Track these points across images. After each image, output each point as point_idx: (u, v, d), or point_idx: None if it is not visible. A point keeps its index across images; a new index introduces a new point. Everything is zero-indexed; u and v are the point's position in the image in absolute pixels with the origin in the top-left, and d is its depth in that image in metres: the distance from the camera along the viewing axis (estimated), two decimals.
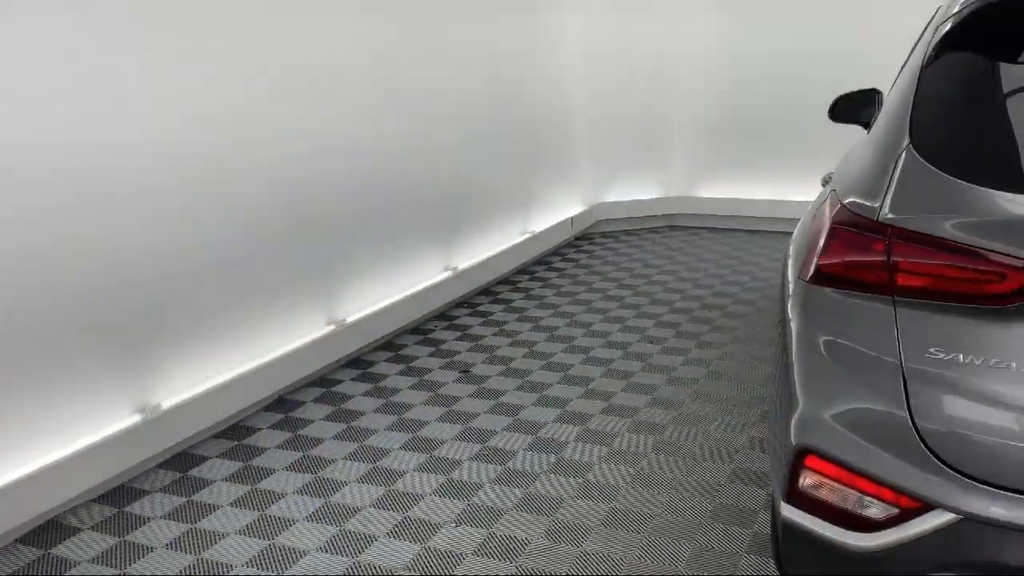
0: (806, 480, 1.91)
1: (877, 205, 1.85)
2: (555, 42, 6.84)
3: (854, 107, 3.37)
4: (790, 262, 2.35)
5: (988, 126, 1.92)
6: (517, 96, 6.33)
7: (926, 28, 2.37)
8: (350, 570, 2.81)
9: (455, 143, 5.53)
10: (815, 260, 1.95)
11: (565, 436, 3.69)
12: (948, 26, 2.00)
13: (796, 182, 6.84)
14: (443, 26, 5.31)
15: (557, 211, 7.04)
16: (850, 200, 1.95)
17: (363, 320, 4.62)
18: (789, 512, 1.95)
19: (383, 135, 4.81)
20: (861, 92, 3.38)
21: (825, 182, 2.95)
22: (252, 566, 2.86)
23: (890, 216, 1.81)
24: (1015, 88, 1.96)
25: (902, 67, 2.35)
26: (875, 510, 1.81)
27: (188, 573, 2.83)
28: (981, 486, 1.68)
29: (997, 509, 1.67)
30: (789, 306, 2.08)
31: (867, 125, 3.11)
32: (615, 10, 7.22)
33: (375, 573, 2.79)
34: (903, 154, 1.89)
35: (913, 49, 2.36)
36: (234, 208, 3.84)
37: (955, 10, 2.15)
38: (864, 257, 1.83)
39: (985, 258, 1.67)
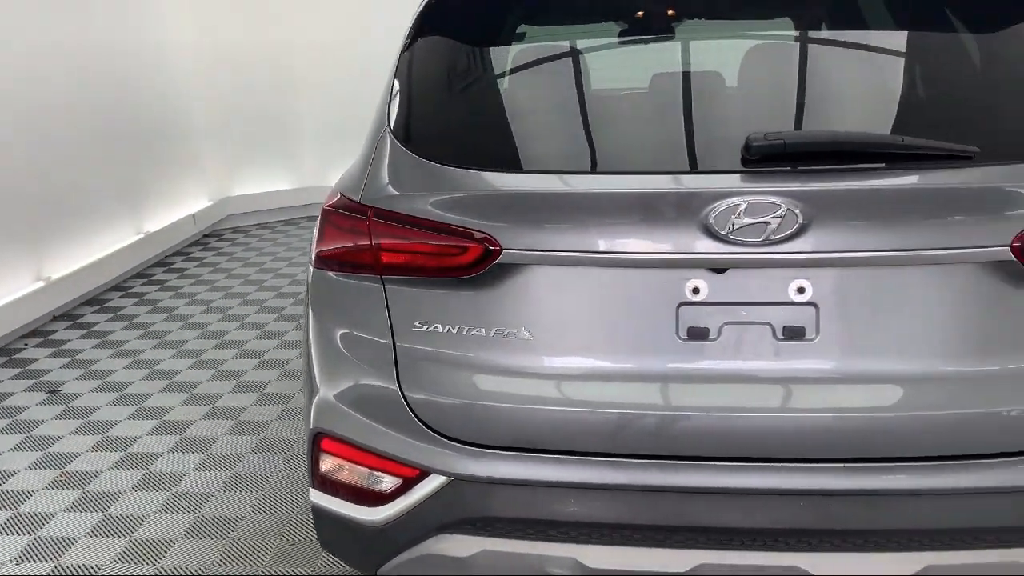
0: (325, 464, 1.93)
1: (361, 188, 1.89)
2: (164, 34, 6.40)
3: None
4: None
5: (457, 107, 2.03)
6: (119, 91, 5.82)
7: None
8: None
9: (39, 140, 4.96)
10: (315, 245, 1.97)
11: (158, 448, 3.47)
12: (422, 8, 2.08)
13: None
14: (14, 15, 4.73)
15: (178, 208, 6.63)
16: (343, 185, 1.98)
17: None
18: (315, 497, 1.96)
19: None
20: None
21: None
22: None
23: (369, 198, 1.85)
24: (484, 69, 2.10)
25: None
26: (385, 484, 1.86)
27: None
28: (465, 447, 1.78)
29: (480, 467, 1.77)
30: (305, 292, 2.08)
31: None
32: (230, 6, 6.97)
33: None
34: (382, 137, 1.95)
35: None
36: None
37: None
38: (352, 240, 1.86)
39: (448, 233, 1.77)
